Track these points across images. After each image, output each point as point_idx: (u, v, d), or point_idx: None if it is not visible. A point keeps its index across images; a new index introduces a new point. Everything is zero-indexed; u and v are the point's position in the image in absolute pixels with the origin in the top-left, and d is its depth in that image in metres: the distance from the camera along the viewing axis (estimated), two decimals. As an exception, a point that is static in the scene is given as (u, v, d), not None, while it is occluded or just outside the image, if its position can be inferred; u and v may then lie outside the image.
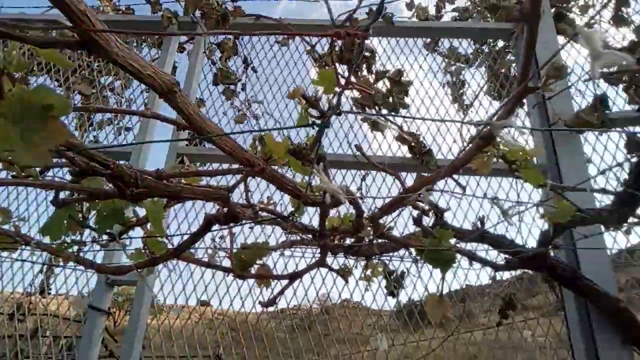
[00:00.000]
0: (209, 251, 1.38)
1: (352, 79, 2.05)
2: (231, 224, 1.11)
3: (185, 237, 1.18)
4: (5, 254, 1.67)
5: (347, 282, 1.40)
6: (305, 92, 0.72)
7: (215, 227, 1.15)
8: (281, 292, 1.31)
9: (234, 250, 1.32)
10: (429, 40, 2.53)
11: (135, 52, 0.55)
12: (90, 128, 2.43)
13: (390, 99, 1.92)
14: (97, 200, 0.98)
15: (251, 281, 1.64)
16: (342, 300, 2.14)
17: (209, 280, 1.74)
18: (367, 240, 1.41)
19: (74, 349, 2.11)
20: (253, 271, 1.33)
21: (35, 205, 1.96)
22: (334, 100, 0.68)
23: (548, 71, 0.66)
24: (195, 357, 1.73)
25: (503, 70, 2.36)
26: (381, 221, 1.46)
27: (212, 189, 0.92)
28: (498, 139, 0.72)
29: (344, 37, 0.53)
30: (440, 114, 2.30)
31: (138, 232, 1.31)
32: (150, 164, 1.83)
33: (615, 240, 1.78)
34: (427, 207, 1.13)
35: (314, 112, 0.71)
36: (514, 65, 2.43)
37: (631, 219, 1.15)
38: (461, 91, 2.65)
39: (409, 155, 2.00)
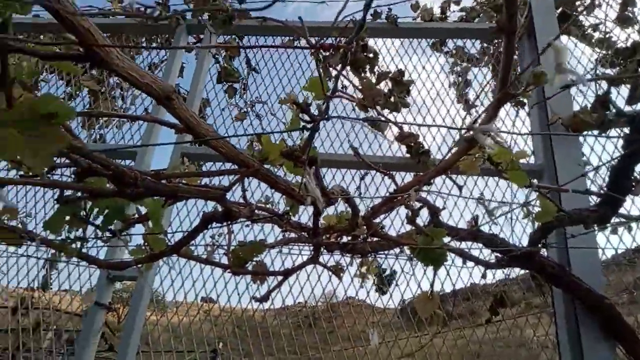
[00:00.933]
0: (208, 248, 1.43)
1: (356, 81, 2.09)
2: (229, 222, 1.15)
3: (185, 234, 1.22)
4: (11, 249, 1.72)
5: (340, 279, 1.44)
6: (297, 98, 0.75)
7: (216, 225, 1.20)
8: (275, 288, 1.36)
9: (232, 247, 1.36)
10: (434, 40, 2.56)
11: (134, 62, 0.59)
12: (97, 126, 2.48)
13: (392, 99, 1.95)
14: (99, 199, 1.02)
15: (249, 278, 1.68)
16: (347, 298, 2.17)
17: (208, 276, 1.79)
18: (361, 238, 1.45)
19: (75, 342, 2.17)
20: (250, 268, 1.37)
21: (42, 202, 2.01)
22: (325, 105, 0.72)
23: (528, 78, 0.69)
24: (192, 351, 1.78)
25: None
26: (378, 220, 1.50)
27: (208, 189, 0.97)
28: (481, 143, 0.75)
29: (327, 49, 0.57)
30: (442, 113, 2.34)
31: (139, 229, 1.36)
32: (156, 162, 1.87)
33: (621, 240, 1.81)
34: (417, 207, 1.17)
35: (305, 117, 0.75)
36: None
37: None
38: (465, 90, 2.68)
39: (408, 155, 2.03)
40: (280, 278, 1.32)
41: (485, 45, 2.78)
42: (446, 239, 1.36)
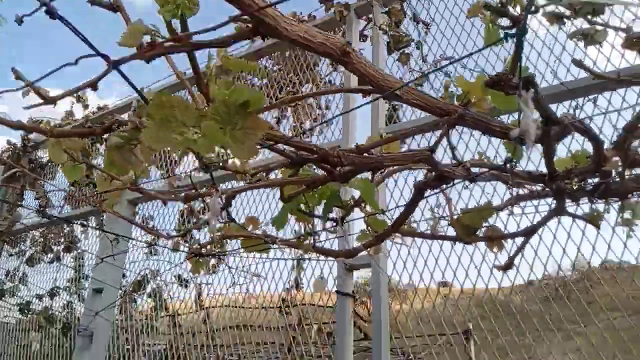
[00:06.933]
0: (430, 222, 1.35)
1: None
2: (443, 187, 1.05)
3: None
4: (259, 255, 1.98)
5: (598, 228, 1.16)
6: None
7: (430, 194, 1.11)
8: (518, 252, 1.18)
9: (455, 216, 1.25)
10: None
11: (304, 24, 0.56)
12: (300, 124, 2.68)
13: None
14: (314, 190, 1.06)
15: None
16: (603, 262, 1.83)
17: (443, 258, 1.72)
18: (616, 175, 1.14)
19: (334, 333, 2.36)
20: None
21: (267, 205, 2.30)
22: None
23: None
24: (444, 334, 1.72)
25: None
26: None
27: (412, 152, 0.89)
28: None
29: None
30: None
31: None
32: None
33: None
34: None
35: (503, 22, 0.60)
36: None
37: None
38: None
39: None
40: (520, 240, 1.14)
41: None
42: None
